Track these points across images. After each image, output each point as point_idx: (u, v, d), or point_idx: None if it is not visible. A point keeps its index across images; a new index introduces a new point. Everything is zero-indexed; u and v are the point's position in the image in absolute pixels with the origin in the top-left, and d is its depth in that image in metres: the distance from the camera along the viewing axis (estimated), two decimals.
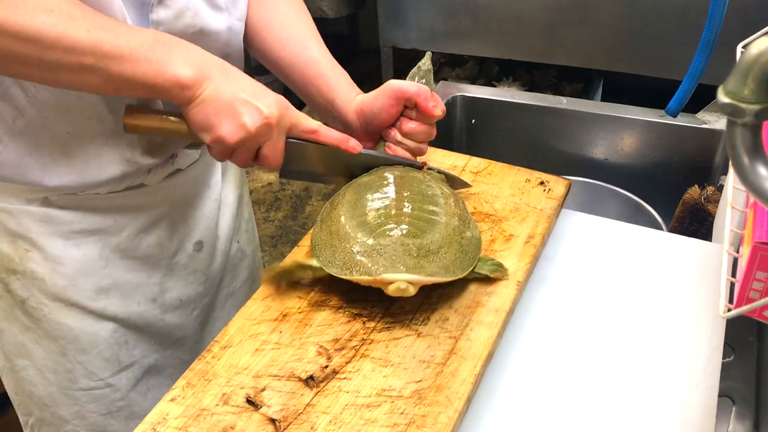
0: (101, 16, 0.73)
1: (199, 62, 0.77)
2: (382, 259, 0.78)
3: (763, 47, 0.41)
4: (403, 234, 0.80)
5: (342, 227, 0.83)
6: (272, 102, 0.81)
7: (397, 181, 0.88)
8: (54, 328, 0.96)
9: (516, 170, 1.04)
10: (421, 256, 0.79)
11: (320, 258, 0.83)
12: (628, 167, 1.47)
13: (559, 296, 0.93)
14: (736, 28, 0.96)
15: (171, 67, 0.75)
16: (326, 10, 2.82)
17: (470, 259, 0.83)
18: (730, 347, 0.93)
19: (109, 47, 0.72)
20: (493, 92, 1.56)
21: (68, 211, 0.91)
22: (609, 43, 2.05)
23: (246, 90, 0.79)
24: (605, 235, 1.02)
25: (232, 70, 0.81)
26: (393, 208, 0.83)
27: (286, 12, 1.00)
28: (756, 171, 0.45)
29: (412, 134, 0.93)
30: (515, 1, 2.06)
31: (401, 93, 0.91)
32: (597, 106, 1.48)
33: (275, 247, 2.65)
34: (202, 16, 0.86)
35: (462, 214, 0.87)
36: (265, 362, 0.76)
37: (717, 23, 0.97)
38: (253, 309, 0.83)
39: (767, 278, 0.58)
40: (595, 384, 0.82)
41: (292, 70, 0.99)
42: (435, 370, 0.75)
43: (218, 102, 0.78)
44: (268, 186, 2.96)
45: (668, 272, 0.95)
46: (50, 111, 0.82)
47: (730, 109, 0.44)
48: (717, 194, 1.23)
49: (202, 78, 0.77)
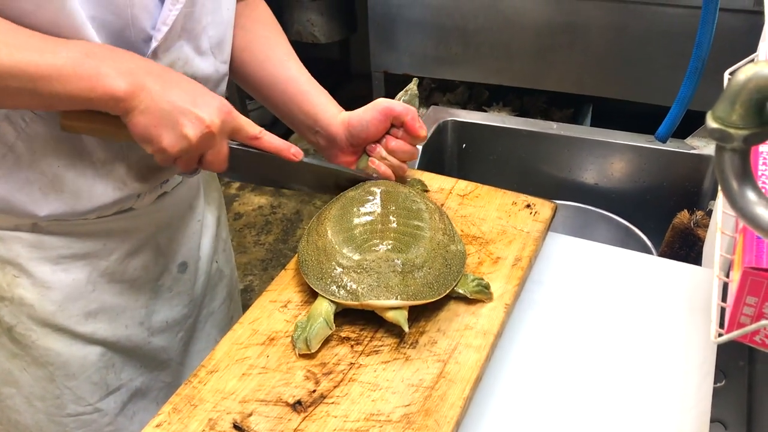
0: (29, 34, 0.72)
1: (132, 72, 0.75)
2: (368, 278, 0.80)
3: (750, 73, 0.41)
4: (389, 249, 0.82)
5: (329, 243, 0.85)
6: (213, 109, 0.79)
7: (383, 196, 0.90)
8: (42, 354, 0.95)
9: (502, 193, 1.04)
10: (406, 272, 0.81)
11: (308, 276, 0.83)
12: (618, 192, 1.47)
13: (548, 320, 0.92)
14: (724, 55, 0.97)
15: (103, 81, 0.73)
16: (318, 35, 2.84)
17: (454, 273, 0.84)
18: (721, 372, 0.92)
19: (34, 68, 0.70)
20: (483, 117, 1.57)
21: (57, 237, 0.90)
22: (598, 69, 2.07)
23: (185, 97, 0.78)
24: (595, 259, 1.02)
25: (169, 75, 0.79)
26: (379, 223, 0.86)
27: (265, 35, 1.02)
28: (745, 196, 0.45)
29: (396, 152, 0.96)
30: (505, 28, 2.08)
31: (390, 111, 0.94)
32: (587, 131, 1.48)
33: (265, 271, 2.64)
34: (191, 63, 0.87)
35: (446, 229, 0.89)
36: (252, 387, 0.75)
37: (704, 50, 0.98)
38: (240, 333, 0.82)
39: (757, 303, 0.58)
40: (585, 409, 0.81)
41: (273, 89, 1.00)
42: (424, 394, 0.74)
43: (157, 113, 0.76)
44: (258, 209, 2.95)
45: (658, 297, 0.95)
46: (40, 146, 0.82)
47: (718, 134, 0.44)
48: (706, 219, 1.24)
49: (137, 89, 0.75)
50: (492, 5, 2.06)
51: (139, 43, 0.81)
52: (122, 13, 0.78)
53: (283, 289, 0.88)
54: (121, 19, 0.78)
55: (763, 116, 0.43)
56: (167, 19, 0.80)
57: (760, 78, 0.41)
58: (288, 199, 2.97)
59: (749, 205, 0.44)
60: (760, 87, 0.41)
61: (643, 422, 0.80)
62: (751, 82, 0.41)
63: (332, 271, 0.82)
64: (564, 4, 1.99)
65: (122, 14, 0.78)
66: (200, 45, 0.88)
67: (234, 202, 2.96)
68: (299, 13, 2.81)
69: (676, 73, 1.16)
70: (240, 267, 2.63)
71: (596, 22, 1.98)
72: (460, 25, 2.12)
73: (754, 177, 0.45)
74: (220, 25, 0.90)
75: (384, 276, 0.80)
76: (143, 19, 0.79)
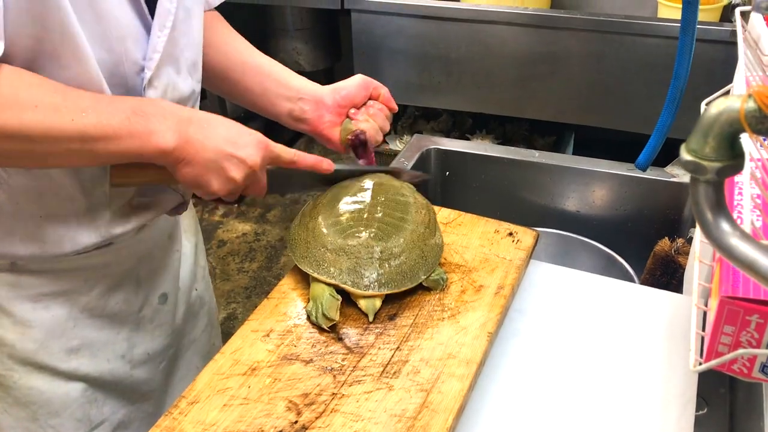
0: (81, 95, 0.74)
1: (176, 126, 0.79)
2: (348, 262, 0.88)
3: (722, 107, 0.42)
4: (370, 237, 0.89)
5: (318, 225, 0.92)
6: (253, 148, 0.84)
7: (374, 187, 0.97)
8: (24, 394, 0.93)
9: (485, 221, 1.05)
10: (383, 259, 0.87)
11: (295, 253, 0.92)
12: (600, 219, 1.48)
13: (531, 348, 0.92)
14: (702, 85, 0.99)
15: (154, 139, 0.77)
16: (303, 63, 2.86)
17: (430, 265, 0.91)
18: (703, 400, 0.93)
19: (93, 131, 0.73)
20: (466, 145, 1.58)
21: (37, 276, 0.89)
22: (580, 98, 2.09)
23: (226, 141, 0.82)
24: (577, 286, 1.03)
25: (206, 120, 0.82)
26: (366, 212, 0.93)
27: (225, 32, 1.05)
28: (719, 226, 0.45)
29: (376, 116, 1.05)
30: (487, 57, 2.11)
31: (370, 84, 1.06)
32: (568, 159, 1.50)
33: (249, 299, 2.62)
34: (178, 87, 0.89)
35: (429, 223, 0.95)
36: (233, 418, 0.74)
37: (682, 80, 0.99)
38: (221, 363, 0.81)
39: (735, 332, 0.58)
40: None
41: (244, 76, 1.03)
42: (406, 424, 0.73)
43: (203, 162, 0.81)
44: (242, 236, 2.94)
45: (640, 325, 0.96)
46: (22, 197, 0.83)
47: (692, 166, 0.45)
48: (687, 246, 1.25)
49: (183, 142, 0.79)
50: (474, 35, 2.09)
51: (132, 76, 0.82)
52: (116, 49, 0.79)
53: (265, 319, 0.87)
54: (114, 54, 0.79)
55: (735, 149, 0.44)
56: (157, 46, 0.83)
57: (731, 112, 0.42)
58: (272, 226, 2.96)
59: (724, 235, 0.45)
60: (732, 120, 0.42)
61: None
62: (723, 115, 0.42)
63: (316, 251, 0.90)
64: (544, 35, 2.02)
65: (116, 50, 0.79)
66: (180, 67, 0.89)
67: (218, 230, 2.95)
68: (284, 42, 2.82)
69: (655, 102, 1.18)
70: (223, 294, 2.61)
71: (576, 51, 2.01)
72: (443, 54, 2.14)
73: (728, 208, 0.46)
74: (194, 45, 0.92)
75: (362, 261, 0.86)
76: (134, 51, 0.81)
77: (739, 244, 0.44)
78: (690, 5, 0.87)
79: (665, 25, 1.89)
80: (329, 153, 1.08)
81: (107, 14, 0.77)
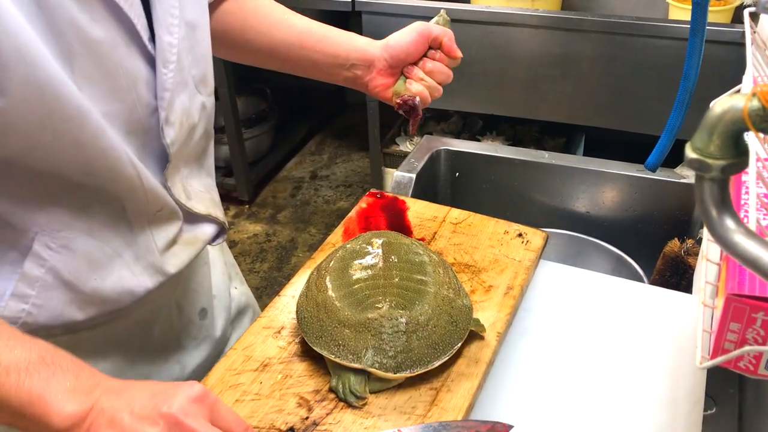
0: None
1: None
2: (372, 339, 0.77)
3: (726, 106, 0.43)
4: (391, 306, 0.79)
5: (329, 298, 0.81)
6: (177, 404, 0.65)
7: (384, 247, 0.87)
8: None
9: (494, 222, 1.06)
10: (410, 331, 0.78)
11: (307, 334, 0.81)
12: (610, 220, 1.48)
13: (540, 348, 0.93)
14: (712, 86, 0.99)
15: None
16: None
17: (461, 331, 0.82)
18: (711, 399, 0.93)
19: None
20: (477, 146, 1.58)
21: (93, 330, 0.85)
22: (590, 99, 2.09)
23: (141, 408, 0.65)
24: (587, 287, 1.03)
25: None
26: (381, 278, 0.82)
27: (254, 6, 1.02)
28: (724, 224, 0.46)
29: (434, 72, 0.97)
30: (498, 58, 2.11)
31: (429, 33, 0.96)
32: (579, 160, 1.50)
33: (260, 299, 2.62)
34: (191, 114, 0.85)
35: (451, 282, 0.86)
36: (245, 413, 0.75)
37: (692, 81, 1.00)
38: (233, 359, 0.82)
39: (740, 329, 0.59)
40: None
41: (290, 51, 1.00)
42: (416, 422, 0.74)
43: None
44: (253, 237, 2.96)
45: (650, 325, 0.96)
46: (69, 269, 0.78)
47: (697, 164, 0.45)
48: (696, 247, 1.25)
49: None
50: (485, 37, 2.09)
51: (147, 118, 0.78)
52: (127, 97, 0.75)
53: (276, 316, 0.89)
54: (127, 102, 0.75)
55: (739, 147, 0.44)
56: (166, 83, 0.78)
57: (735, 111, 0.42)
58: (283, 227, 2.98)
59: (728, 232, 0.46)
60: (736, 119, 0.42)
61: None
62: (727, 114, 0.43)
63: (332, 329, 0.79)
64: (555, 36, 2.02)
65: (128, 98, 0.75)
66: (188, 89, 0.84)
67: (229, 230, 2.97)
68: None
69: (666, 104, 1.18)
70: None
71: (587, 53, 2.01)
72: None
73: (733, 206, 0.46)
74: (200, 60, 0.86)
75: (387, 337, 0.78)
76: (145, 94, 0.77)
77: (744, 241, 0.45)
78: (699, 6, 0.87)
79: (676, 26, 1.90)
80: None
81: (117, 67, 0.72)
